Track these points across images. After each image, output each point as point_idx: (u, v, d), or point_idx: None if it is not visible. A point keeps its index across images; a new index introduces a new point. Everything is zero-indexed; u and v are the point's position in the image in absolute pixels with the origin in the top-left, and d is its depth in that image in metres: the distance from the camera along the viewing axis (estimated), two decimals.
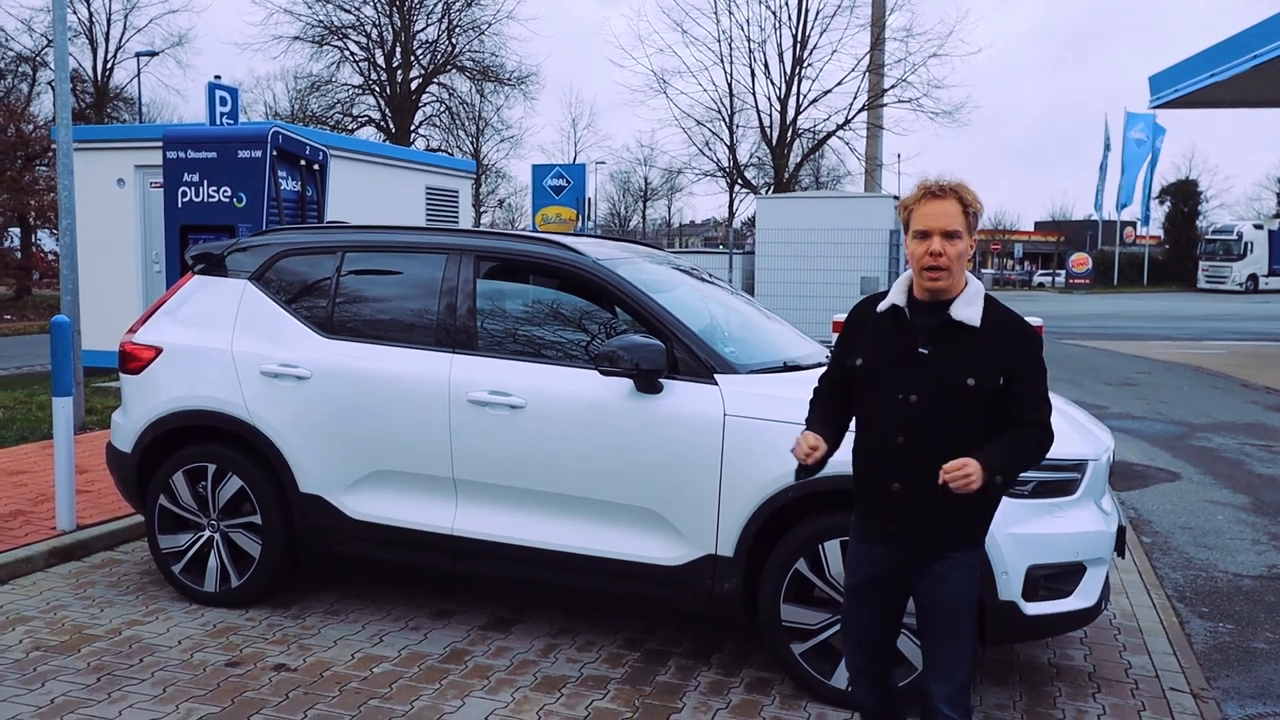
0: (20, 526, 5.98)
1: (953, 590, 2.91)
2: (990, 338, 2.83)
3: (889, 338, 2.91)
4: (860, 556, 3.05)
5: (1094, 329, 25.58)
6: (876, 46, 26.75)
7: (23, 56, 36.52)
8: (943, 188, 2.83)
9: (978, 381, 2.79)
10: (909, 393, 2.83)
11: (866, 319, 3.01)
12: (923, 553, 2.91)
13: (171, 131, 8.72)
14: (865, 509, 3.02)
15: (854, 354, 2.98)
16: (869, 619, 3.08)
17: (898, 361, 2.86)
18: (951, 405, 2.80)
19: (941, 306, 2.85)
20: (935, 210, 2.82)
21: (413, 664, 4.40)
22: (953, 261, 2.80)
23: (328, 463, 4.82)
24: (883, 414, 2.88)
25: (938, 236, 2.80)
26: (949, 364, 2.81)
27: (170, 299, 5.36)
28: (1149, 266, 57.72)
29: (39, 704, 3.94)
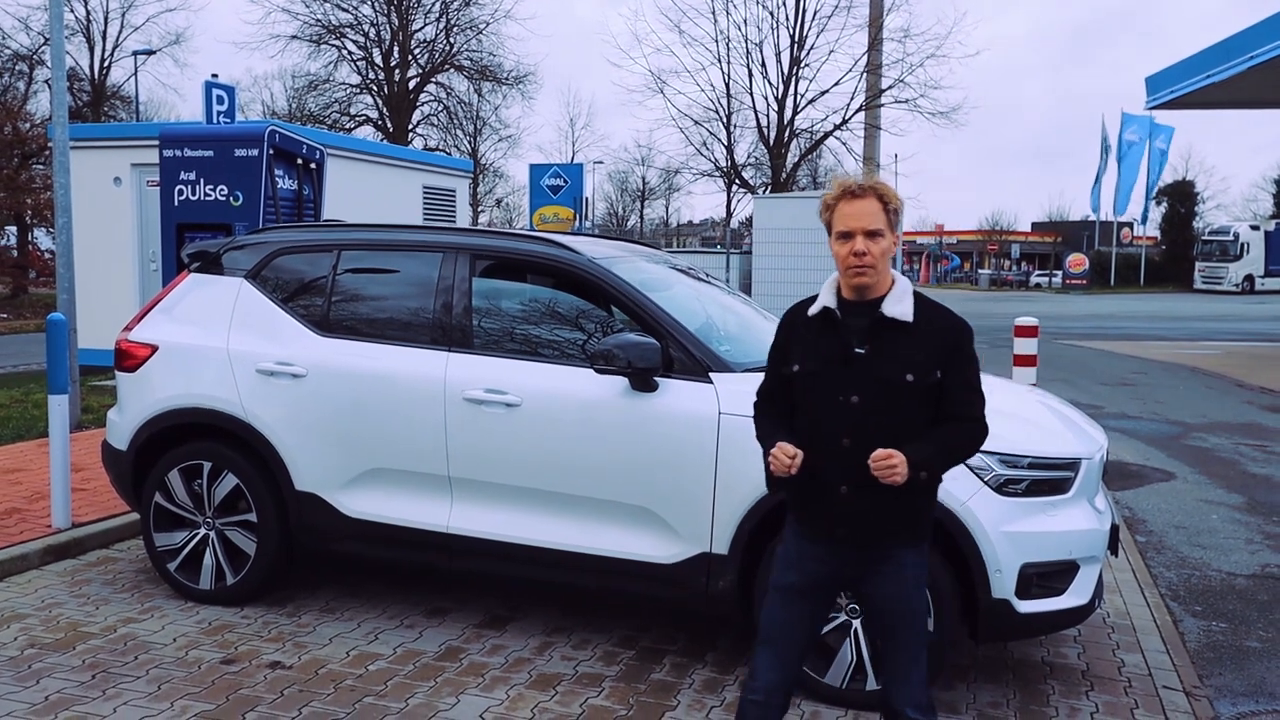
0: (15, 524, 5.98)
1: (906, 589, 2.90)
2: (923, 333, 2.84)
3: (823, 341, 2.89)
4: (801, 555, 2.95)
5: (1090, 329, 25.62)
6: (874, 47, 26.74)
7: (19, 55, 36.49)
8: (862, 187, 2.84)
9: (916, 377, 2.80)
10: (850, 394, 2.81)
11: (798, 324, 2.98)
12: (873, 554, 2.88)
13: (168, 130, 8.72)
14: (810, 513, 2.93)
15: (789, 361, 2.94)
16: (795, 622, 2.95)
17: (835, 364, 2.84)
18: (892, 403, 2.81)
19: (872, 305, 2.85)
20: (856, 210, 2.82)
21: (408, 661, 4.41)
22: (877, 259, 2.81)
23: (323, 461, 4.82)
24: (825, 417, 2.85)
25: (860, 236, 2.80)
26: (886, 362, 2.81)
27: (166, 297, 5.36)
28: (1146, 267, 57.77)
29: (33, 701, 3.94)
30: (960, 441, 2.89)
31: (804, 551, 2.95)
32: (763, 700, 2.92)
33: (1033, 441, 4.13)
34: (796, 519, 3.00)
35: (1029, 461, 4.02)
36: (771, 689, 2.92)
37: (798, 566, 2.95)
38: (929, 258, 78.13)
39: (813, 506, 2.91)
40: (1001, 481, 3.96)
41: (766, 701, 2.92)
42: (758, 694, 2.93)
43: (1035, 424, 4.40)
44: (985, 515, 3.91)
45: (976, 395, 2.90)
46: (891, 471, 2.71)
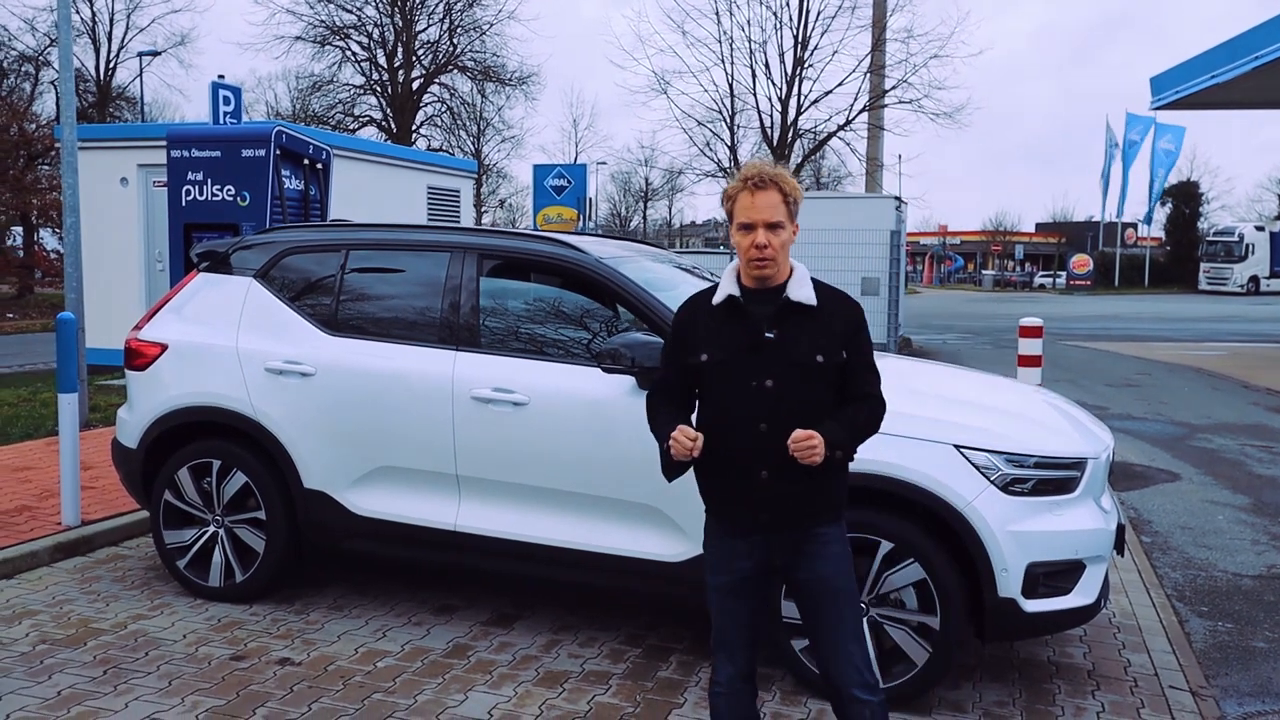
0: (26, 522, 6.02)
1: (835, 566, 2.95)
2: (826, 316, 2.92)
3: (730, 329, 2.91)
4: (728, 553, 2.97)
5: (1095, 330, 25.60)
6: (877, 48, 26.74)
7: (25, 56, 36.56)
8: (763, 179, 2.87)
9: (825, 358, 2.88)
10: (764, 378, 2.85)
11: (697, 316, 3.00)
12: (797, 536, 2.92)
13: (175, 130, 8.75)
14: (730, 504, 2.95)
15: (694, 352, 2.94)
16: (741, 617, 2.99)
17: (744, 350, 2.88)
18: (804, 385, 2.87)
19: (775, 291, 2.91)
20: (758, 202, 2.86)
21: (416, 659, 4.43)
22: (778, 251, 2.87)
23: (332, 459, 4.85)
24: (739, 404, 2.87)
25: (761, 228, 2.85)
26: (796, 345, 2.87)
27: (175, 296, 5.39)
28: (1150, 268, 57.70)
29: (46, 696, 3.97)
30: (867, 419, 2.97)
31: (729, 550, 2.97)
32: (726, 691, 3.01)
33: (1039, 441, 4.14)
34: (717, 514, 3.01)
35: (1035, 461, 4.03)
36: (732, 680, 3.00)
37: (725, 566, 2.98)
38: (932, 258, 78.08)
39: (733, 496, 2.93)
40: (1008, 481, 3.97)
41: (730, 691, 3.01)
42: (721, 686, 3.02)
43: (1041, 423, 4.41)
44: (991, 514, 3.92)
45: (875, 374, 3.02)
46: (811, 452, 2.77)
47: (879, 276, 17.38)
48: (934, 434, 4.04)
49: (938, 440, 4.02)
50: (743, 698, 3.03)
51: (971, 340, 22.71)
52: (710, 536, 3.04)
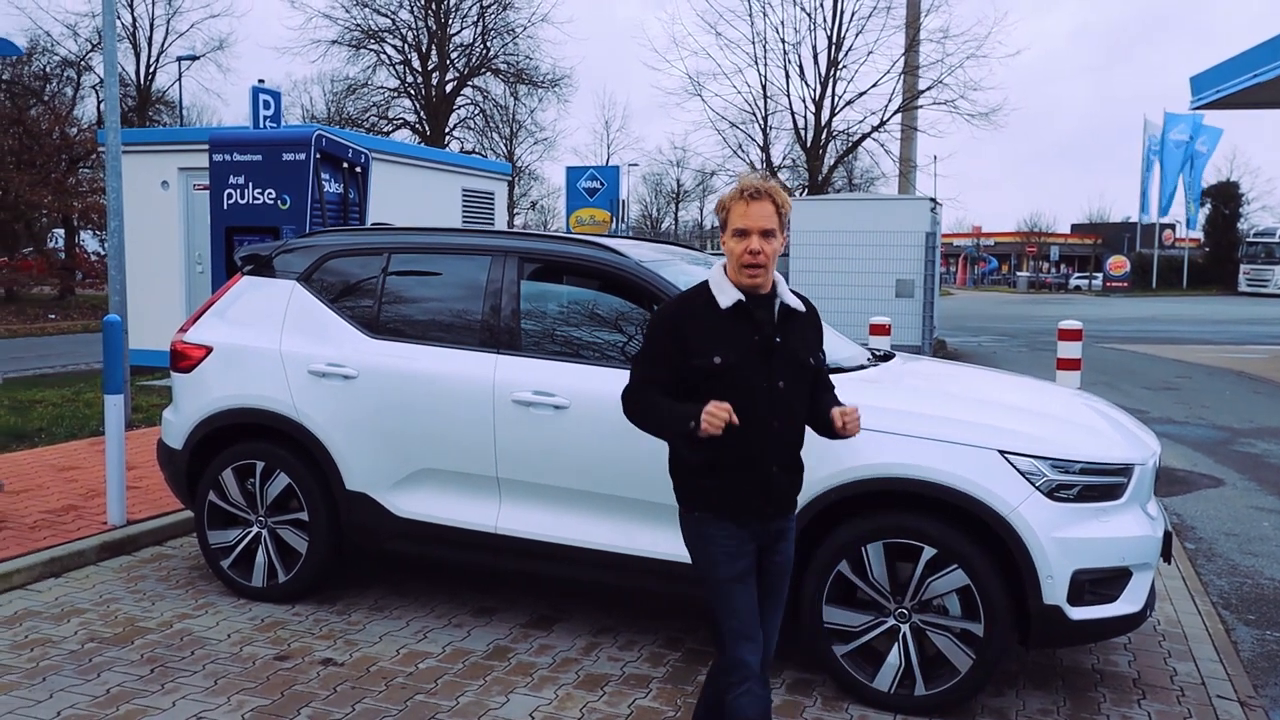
0: (72, 521, 6.11)
1: (789, 554, 3.18)
2: (808, 320, 3.18)
3: (740, 332, 3.01)
4: (735, 546, 3.03)
5: (1132, 333, 25.30)
6: (912, 48, 26.58)
7: (68, 61, 37.13)
8: (759, 190, 2.99)
9: (815, 360, 3.15)
10: (776, 380, 3.01)
11: (696, 319, 3.02)
12: (781, 524, 3.11)
13: (217, 134, 8.85)
14: (742, 499, 3.02)
15: (702, 354, 2.97)
16: (754, 605, 3.06)
17: (755, 353, 3.00)
18: (803, 385, 3.12)
19: (768, 298, 3.06)
20: (753, 211, 2.98)
21: (457, 660, 4.46)
22: (769, 258, 3.00)
23: (373, 461, 4.88)
24: (755, 405, 2.97)
25: (756, 235, 2.97)
26: (797, 348, 3.08)
27: (220, 299, 5.45)
28: (1188, 270, 56.96)
29: (95, 694, 4.03)
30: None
31: (735, 542, 3.05)
32: (754, 686, 2.98)
33: (1084, 446, 4.10)
34: (725, 510, 3.03)
35: (1081, 467, 3.99)
36: (757, 676, 3.01)
37: (740, 553, 3.05)
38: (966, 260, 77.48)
39: (746, 490, 3.03)
40: (1053, 487, 3.93)
41: (757, 686, 2.99)
42: (749, 681, 2.97)
43: (1087, 429, 4.37)
44: (1036, 520, 3.89)
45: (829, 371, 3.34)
46: (858, 423, 3.07)
47: (913, 279, 17.25)
48: (978, 439, 4.01)
49: (982, 445, 3.99)
50: (764, 697, 3.01)
51: (1007, 343, 22.51)
52: (715, 531, 3.05)
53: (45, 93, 35.23)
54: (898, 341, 11.58)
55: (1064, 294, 61.13)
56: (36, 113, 29.37)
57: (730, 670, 3.00)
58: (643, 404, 3.09)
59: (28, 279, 26.70)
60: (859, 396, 4.31)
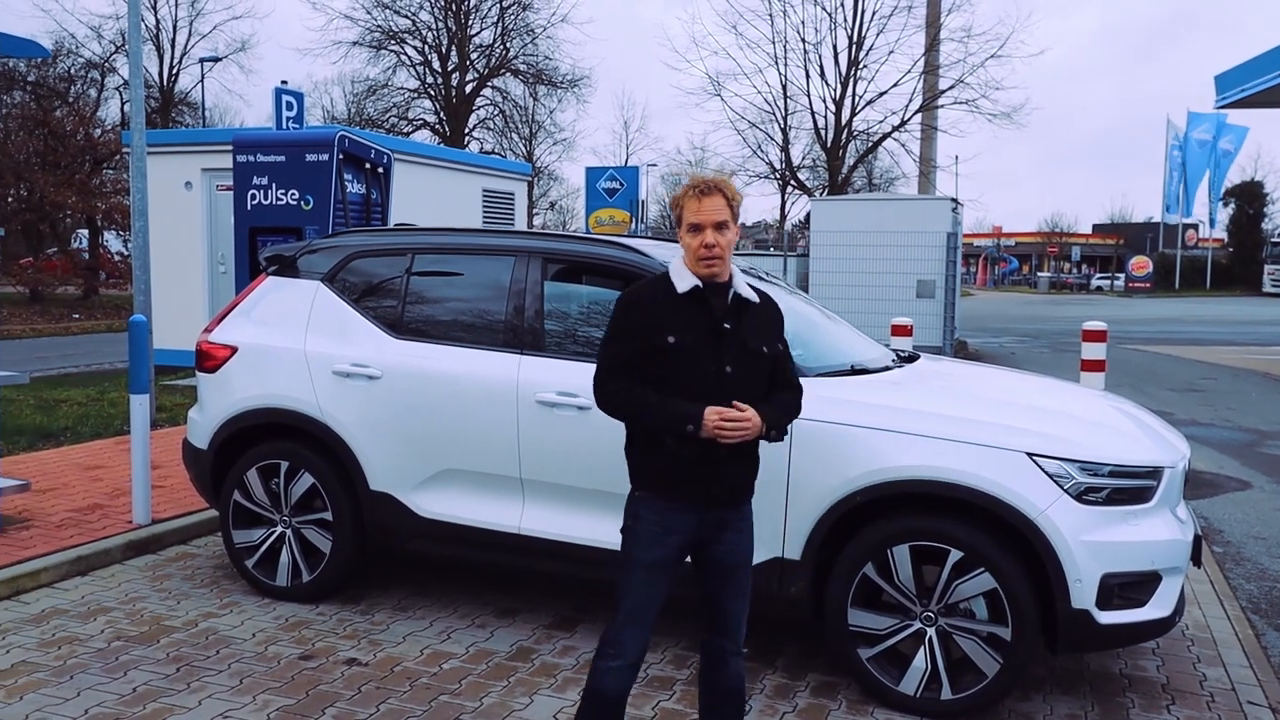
0: (98, 520, 6.15)
1: (748, 541, 3.24)
2: (763, 311, 3.24)
3: (695, 315, 3.10)
4: (666, 530, 3.10)
5: (1155, 334, 25.09)
6: (933, 47, 26.44)
7: (92, 63, 37.41)
8: (710, 185, 3.10)
9: (769, 349, 3.20)
10: (724, 365, 3.09)
11: (656, 302, 3.12)
12: (732, 512, 3.17)
13: (241, 135, 8.90)
14: (689, 481, 3.08)
15: (658, 333, 3.07)
16: (659, 594, 3.15)
17: (708, 336, 3.09)
18: (755, 372, 3.16)
19: (724, 287, 3.14)
20: (706, 205, 3.08)
21: (480, 661, 4.46)
22: (724, 250, 3.10)
23: (397, 461, 4.89)
24: (703, 387, 3.06)
25: (710, 229, 3.07)
26: (749, 336, 3.15)
27: (245, 299, 5.48)
28: (1212, 270, 56.46)
29: (122, 692, 4.05)
30: (794, 405, 3.29)
31: (669, 525, 3.11)
32: (623, 666, 3.14)
33: (1113, 449, 4.06)
34: (665, 491, 3.12)
35: (1110, 469, 3.95)
36: (634, 658, 3.14)
37: (663, 541, 3.12)
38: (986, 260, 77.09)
39: (693, 474, 3.08)
40: (1081, 490, 3.90)
41: (625, 667, 3.14)
42: (620, 660, 3.13)
43: (1116, 431, 4.33)
44: (1064, 524, 3.85)
45: (793, 362, 3.41)
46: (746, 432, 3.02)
47: (934, 279, 17.16)
48: (1005, 441, 3.98)
49: (1009, 448, 3.96)
50: (629, 682, 3.18)
51: (1029, 344, 22.38)
52: (646, 512, 3.14)
53: (70, 94, 35.50)
54: (918, 342, 11.51)
55: (1086, 295, 60.72)
56: (61, 114, 29.64)
57: (607, 644, 3.15)
58: (626, 395, 3.13)
59: (52, 279, 26.95)
60: (884, 398, 4.30)
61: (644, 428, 3.15)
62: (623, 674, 3.14)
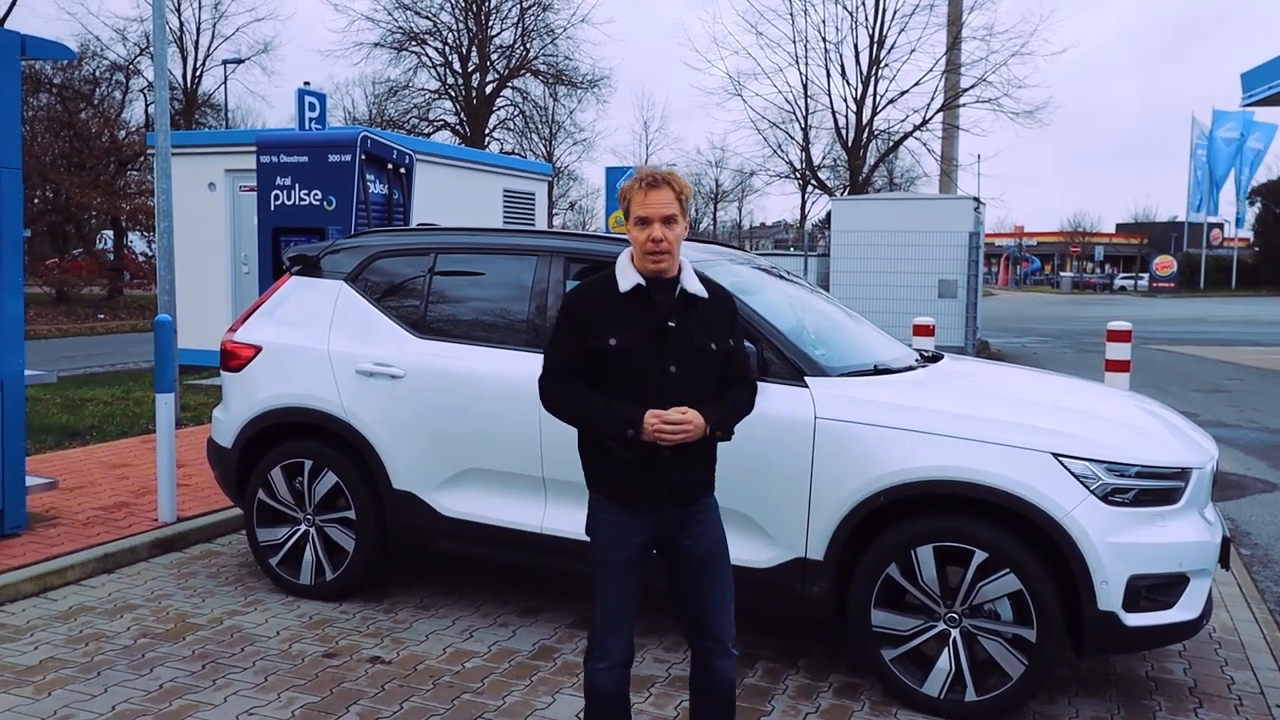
0: (124, 518, 6.21)
1: (716, 532, 3.19)
2: (713, 306, 3.15)
3: (638, 315, 3.04)
4: (625, 530, 3.08)
5: (1180, 334, 24.88)
6: (955, 46, 26.32)
7: (117, 65, 37.76)
8: (657, 178, 3.04)
9: (717, 346, 3.12)
10: (668, 364, 3.02)
11: (600, 300, 3.08)
12: (690, 509, 3.12)
13: (265, 136, 8.96)
14: (636, 482, 3.06)
15: (599, 335, 3.03)
16: (631, 593, 3.12)
17: (652, 336, 3.03)
18: (701, 370, 3.09)
19: (671, 283, 3.08)
20: (654, 199, 3.02)
21: (503, 660, 4.47)
22: (673, 244, 3.03)
23: (420, 460, 4.91)
24: (646, 387, 3.01)
25: (658, 223, 3.01)
26: (694, 333, 3.07)
27: (269, 299, 5.51)
28: (1238, 270, 55.92)
29: (148, 689, 4.08)
30: (745, 403, 3.23)
31: (627, 527, 3.09)
32: (611, 666, 3.10)
33: (1140, 450, 4.03)
34: (619, 491, 3.09)
35: (1137, 470, 3.92)
36: (620, 657, 3.11)
37: (622, 544, 3.10)
38: (1008, 259, 76.64)
39: (640, 475, 3.05)
40: (1108, 491, 3.87)
41: (614, 667, 3.11)
42: (606, 661, 3.10)
43: (1142, 431, 4.29)
44: (1091, 525, 3.82)
45: (748, 357, 3.38)
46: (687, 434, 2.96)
47: (956, 279, 17.09)
48: (1030, 441, 3.95)
49: (1034, 448, 3.93)
50: (625, 678, 3.15)
51: (1051, 344, 22.23)
52: (604, 515, 3.12)
53: (95, 96, 35.85)
54: (940, 342, 11.45)
55: (1109, 294, 60.28)
56: (86, 116, 29.89)
57: (593, 646, 3.13)
58: (568, 398, 3.10)
59: (78, 279, 27.19)
60: (908, 397, 4.28)
61: (588, 431, 3.13)
62: (612, 673, 3.11)
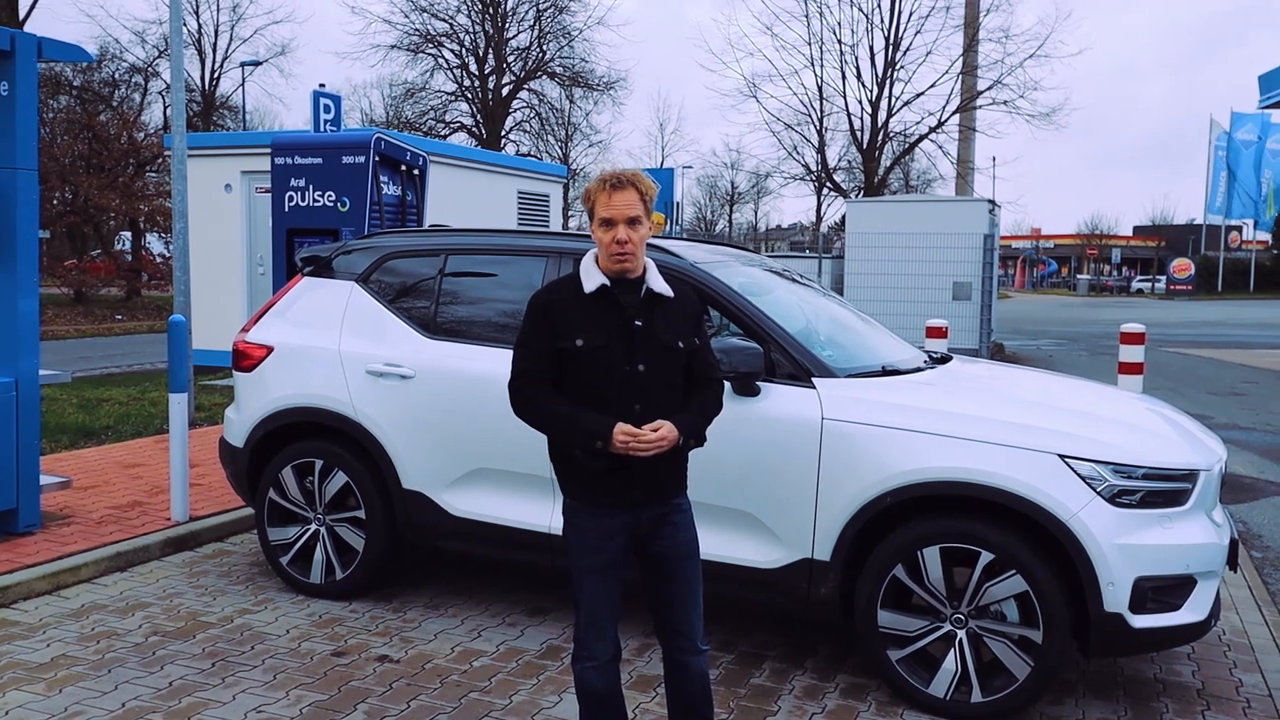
0: (138, 517, 6.26)
1: (690, 533, 3.21)
2: (679, 305, 3.16)
3: (603, 316, 3.05)
4: (602, 534, 3.08)
5: (1197, 337, 24.72)
6: (971, 48, 26.26)
7: (135, 67, 38.04)
8: (621, 179, 3.04)
9: (684, 344, 3.13)
10: (636, 363, 3.04)
11: (565, 302, 3.07)
12: (664, 509, 3.13)
13: (280, 138, 9.02)
14: (609, 484, 3.06)
15: (566, 337, 3.03)
16: (613, 594, 3.13)
17: (617, 336, 3.04)
18: (669, 369, 3.10)
19: (636, 283, 3.09)
20: (618, 200, 3.02)
21: (511, 659, 4.49)
22: (637, 245, 3.05)
23: (429, 460, 4.94)
24: (614, 387, 3.02)
25: (622, 225, 3.01)
26: (661, 332, 3.08)
27: (281, 300, 5.55)
28: (1256, 273, 55.50)
29: (158, 686, 4.12)
30: (714, 405, 3.23)
31: (604, 529, 3.09)
32: (600, 665, 3.12)
33: (1148, 451, 4.02)
34: (594, 493, 3.10)
35: (1144, 472, 3.91)
36: (607, 655, 3.13)
37: (600, 546, 3.10)
38: (1025, 262, 76.30)
39: (609, 483, 3.05)
40: (1115, 492, 3.86)
41: (604, 666, 3.13)
42: (592, 660, 3.12)
43: (1150, 433, 4.28)
44: (1097, 526, 3.81)
45: (714, 355, 3.34)
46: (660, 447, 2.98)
47: (971, 281, 17.04)
48: (1037, 443, 3.95)
49: (1041, 449, 3.92)
50: (614, 674, 3.17)
51: (1067, 346, 22.13)
52: (581, 519, 3.12)
53: (114, 98, 36.13)
54: (954, 344, 11.43)
55: (1126, 297, 59.93)
56: (105, 118, 30.13)
57: (578, 645, 3.15)
58: (537, 405, 3.09)
59: (96, 280, 27.39)
60: (915, 398, 4.28)
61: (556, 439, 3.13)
62: (601, 670, 3.13)
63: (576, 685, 3.18)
